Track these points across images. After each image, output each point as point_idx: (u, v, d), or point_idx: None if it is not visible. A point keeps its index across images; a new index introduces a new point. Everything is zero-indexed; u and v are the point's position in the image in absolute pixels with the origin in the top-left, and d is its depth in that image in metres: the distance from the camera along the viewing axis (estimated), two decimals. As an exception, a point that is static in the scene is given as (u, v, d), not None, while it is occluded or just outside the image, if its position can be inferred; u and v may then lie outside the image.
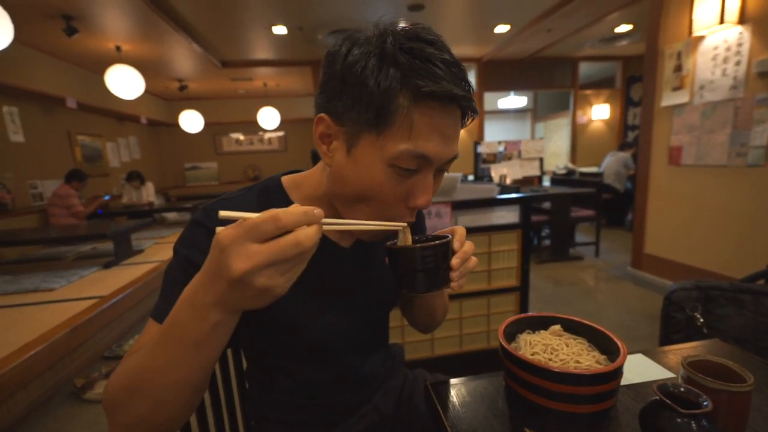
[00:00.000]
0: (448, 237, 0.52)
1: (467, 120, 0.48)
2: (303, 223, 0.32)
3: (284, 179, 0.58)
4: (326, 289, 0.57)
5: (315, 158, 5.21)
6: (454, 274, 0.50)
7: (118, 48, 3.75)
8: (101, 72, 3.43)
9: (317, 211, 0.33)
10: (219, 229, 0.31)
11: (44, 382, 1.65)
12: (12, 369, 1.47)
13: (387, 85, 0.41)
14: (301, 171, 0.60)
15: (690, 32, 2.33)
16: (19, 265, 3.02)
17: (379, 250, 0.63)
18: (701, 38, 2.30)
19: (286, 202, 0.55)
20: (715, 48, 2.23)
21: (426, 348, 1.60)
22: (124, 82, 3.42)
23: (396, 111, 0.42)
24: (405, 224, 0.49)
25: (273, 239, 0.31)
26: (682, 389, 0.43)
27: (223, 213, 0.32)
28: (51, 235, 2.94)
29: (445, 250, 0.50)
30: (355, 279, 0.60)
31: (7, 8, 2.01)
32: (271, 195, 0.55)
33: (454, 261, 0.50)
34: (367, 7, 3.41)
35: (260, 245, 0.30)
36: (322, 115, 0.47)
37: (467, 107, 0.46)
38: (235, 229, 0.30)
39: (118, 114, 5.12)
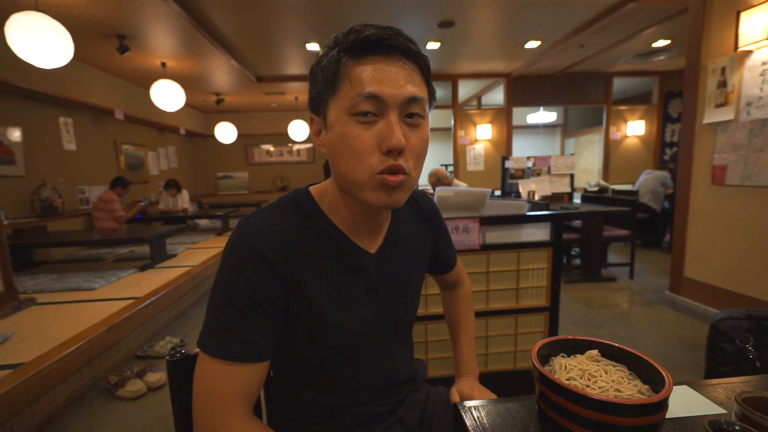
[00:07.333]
0: None
1: (422, 67, 0.51)
2: None
3: (312, 189, 0.60)
4: (356, 292, 0.58)
5: (326, 170, 5.31)
6: None
7: (163, 64, 4.01)
8: (147, 86, 3.67)
9: None
10: None
11: (81, 377, 1.74)
12: (54, 363, 1.56)
13: (333, 60, 0.49)
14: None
15: (735, 47, 2.22)
16: (65, 264, 3.22)
17: (402, 253, 0.65)
18: (748, 53, 2.19)
19: (318, 211, 0.58)
20: (764, 63, 2.11)
21: (450, 365, 1.56)
22: (167, 96, 3.64)
23: (341, 73, 0.49)
24: None
25: None
26: (737, 427, 0.40)
27: None
28: (94, 237, 3.13)
29: None
30: (381, 282, 0.61)
31: (68, 29, 2.21)
32: (303, 205, 0.58)
33: None
34: (397, 23, 3.49)
35: None
36: (311, 114, 0.56)
37: (400, 47, 0.48)
38: None
39: (160, 125, 5.44)
